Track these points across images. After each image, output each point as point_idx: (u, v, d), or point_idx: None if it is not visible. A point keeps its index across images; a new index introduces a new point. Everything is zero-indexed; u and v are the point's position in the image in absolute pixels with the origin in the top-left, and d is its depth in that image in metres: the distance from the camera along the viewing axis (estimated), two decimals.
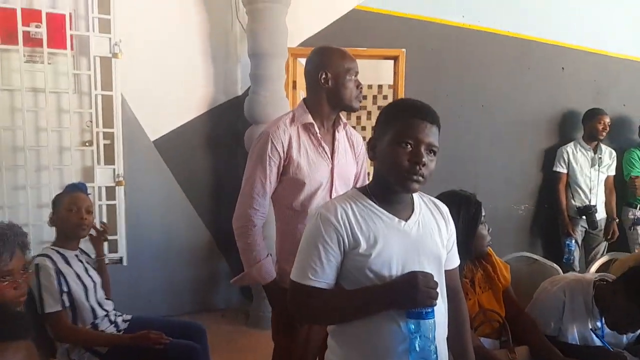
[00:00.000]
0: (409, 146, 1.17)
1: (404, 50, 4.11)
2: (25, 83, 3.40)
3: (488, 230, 1.84)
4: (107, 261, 3.73)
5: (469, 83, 4.21)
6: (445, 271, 1.31)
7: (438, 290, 1.16)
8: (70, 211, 2.06)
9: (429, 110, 1.22)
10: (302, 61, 4.23)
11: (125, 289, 3.61)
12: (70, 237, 2.10)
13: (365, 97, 6.34)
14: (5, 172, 3.41)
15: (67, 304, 1.96)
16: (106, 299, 2.21)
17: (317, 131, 1.82)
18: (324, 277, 1.20)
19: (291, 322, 1.74)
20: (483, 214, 1.75)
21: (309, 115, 1.83)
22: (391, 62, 4.29)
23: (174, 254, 3.89)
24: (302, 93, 4.17)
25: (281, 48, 3.61)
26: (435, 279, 1.17)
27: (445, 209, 1.37)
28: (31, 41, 3.36)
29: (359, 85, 1.86)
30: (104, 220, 3.75)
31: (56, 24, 3.38)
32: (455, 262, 1.38)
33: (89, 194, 2.32)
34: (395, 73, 4.21)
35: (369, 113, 6.45)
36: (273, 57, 3.56)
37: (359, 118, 6.45)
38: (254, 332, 3.61)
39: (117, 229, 3.71)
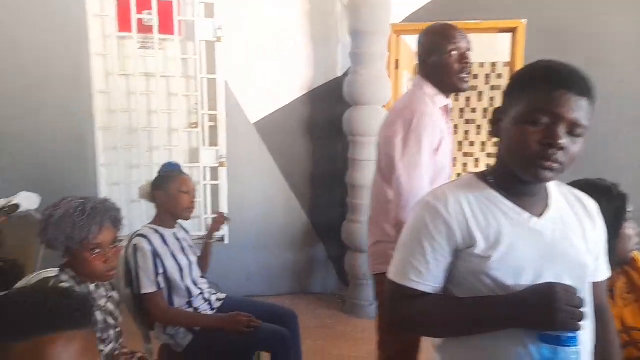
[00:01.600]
0: (542, 124, 0.92)
1: (523, 21, 3.65)
2: (139, 68, 3.59)
3: (635, 230, 1.49)
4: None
5: (602, 58, 3.62)
6: (592, 284, 1.04)
7: (584, 309, 0.90)
8: (182, 192, 2.08)
9: (576, 76, 0.94)
10: (406, 38, 4.01)
11: (224, 267, 3.70)
12: (175, 218, 2.12)
13: (476, 77, 5.86)
14: (122, 151, 3.66)
15: (162, 285, 1.99)
16: (201, 277, 2.23)
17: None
18: (429, 279, 1.01)
19: None
20: (629, 209, 1.41)
21: (444, 97, 1.80)
22: (508, 35, 3.85)
23: (272, 236, 3.92)
24: (405, 73, 3.91)
25: (383, 24, 3.39)
26: (579, 294, 0.92)
27: (592, 204, 1.09)
28: (144, 28, 3.53)
29: (465, 65, 1.75)
30: (208, 199, 3.88)
31: (165, 10, 3.51)
32: (604, 273, 1.10)
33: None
34: (513, 48, 3.76)
35: (480, 94, 5.96)
36: (374, 34, 3.35)
37: (468, 99, 5.99)
38: (349, 319, 3.52)
39: (219, 208, 3.81)
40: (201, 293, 2.18)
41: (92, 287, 1.55)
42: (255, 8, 3.74)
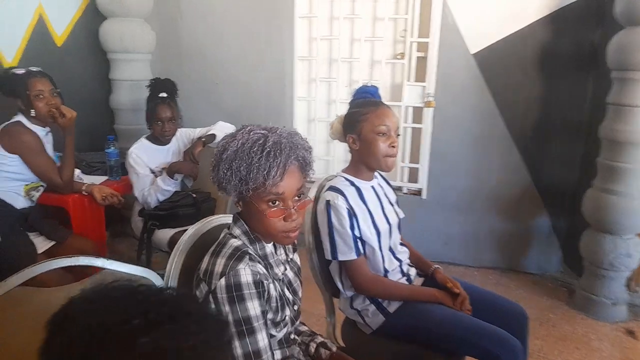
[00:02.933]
0: None
1: None
2: None
3: None
4: (405, 191, 3.42)
5: None
6: None
7: None
8: (376, 134, 1.56)
9: None
10: None
11: (419, 226, 3.18)
12: (374, 169, 1.62)
13: None
14: (320, 84, 3.32)
15: (362, 250, 1.54)
16: (400, 244, 1.72)
17: None
18: None
19: None
20: None
21: None
22: None
23: (481, 196, 3.20)
24: None
25: None
26: None
27: None
28: None
29: None
30: (408, 145, 3.33)
31: None
32: None
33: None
34: None
35: None
36: None
37: None
38: (579, 317, 2.67)
39: (419, 156, 3.24)
40: (400, 265, 1.68)
41: (269, 248, 1.15)
42: None
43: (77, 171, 2.51)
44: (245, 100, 3.46)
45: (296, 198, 1.08)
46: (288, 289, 1.20)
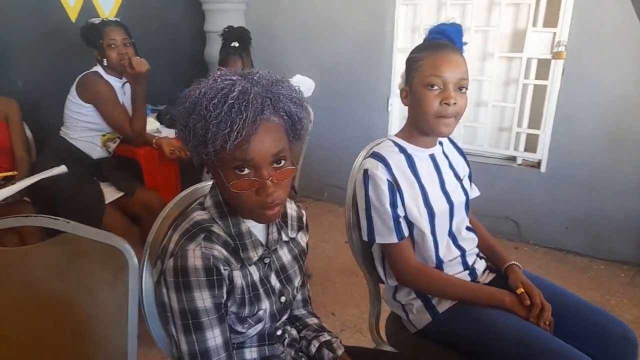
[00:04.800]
0: None
1: None
2: None
3: None
4: (519, 162, 2.87)
5: None
6: None
7: None
8: (434, 89, 1.18)
9: None
10: None
11: (535, 206, 2.65)
12: (426, 132, 1.26)
13: None
14: (425, 32, 2.89)
15: (406, 232, 1.23)
16: (467, 228, 1.34)
17: None
18: None
19: None
20: None
21: None
22: None
23: (617, 173, 2.51)
24: None
25: None
26: None
27: None
28: None
29: None
30: (527, 106, 2.76)
31: None
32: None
33: None
34: None
35: None
36: None
37: None
38: None
39: (541, 120, 2.66)
40: (461, 255, 1.31)
41: (247, 225, 0.91)
42: None
43: (157, 124, 2.52)
44: (341, 51, 3.18)
45: (275, 166, 0.82)
46: (278, 276, 0.97)
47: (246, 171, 0.81)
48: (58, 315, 0.96)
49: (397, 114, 3.14)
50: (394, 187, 1.21)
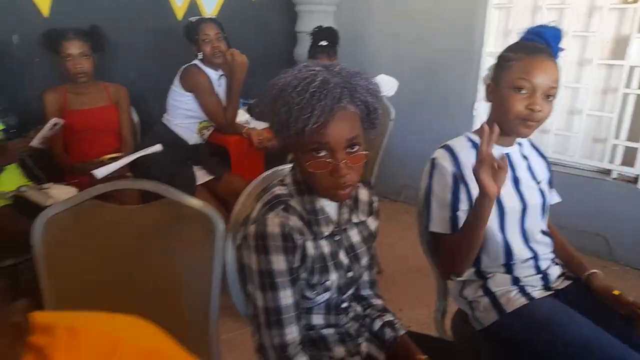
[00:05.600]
0: None
1: None
2: None
3: None
4: (614, 176, 2.69)
5: None
6: None
7: None
8: (521, 93, 1.18)
9: None
10: None
11: (629, 226, 2.47)
12: (506, 132, 1.25)
13: None
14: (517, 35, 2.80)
15: (460, 226, 1.23)
16: (542, 232, 1.30)
17: None
18: None
19: None
20: None
21: None
22: None
23: None
24: None
25: None
26: None
27: None
28: None
29: None
30: (628, 116, 2.59)
31: None
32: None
33: None
34: None
35: None
36: None
37: None
38: None
39: (638, 130, 2.49)
40: (533, 257, 1.29)
41: (322, 202, 0.99)
42: None
43: (246, 116, 2.69)
44: (428, 55, 3.17)
45: (349, 150, 0.89)
46: (347, 254, 1.03)
47: (322, 153, 0.88)
48: (154, 266, 1.10)
49: (482, 118, 3.06)
50: (459, 180, 1.22)
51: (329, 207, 1.00)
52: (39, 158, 2.14)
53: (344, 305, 1.06)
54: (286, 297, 0.91)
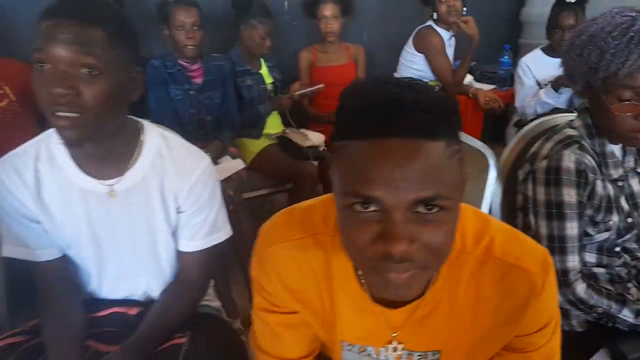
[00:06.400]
0: None
1: None
2: None
3: None
4: None
5: None
6: None
7: None
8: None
9: None
10: None
11: None
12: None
13: None
14: None
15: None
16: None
17: None
18: None
19: None
20: None
21: None
22: None
23: None
24: None
25: None
26: None
27: None
28: None
29: None
30: None
31: None
32: None
33: None
34: None
35: None
36: None
37: None
38: None
39: None
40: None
41: (611, 147, 1.03)
42: None
43: (469, 77, 2.74)
44: None
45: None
46: (627, 201, 1.06)
47: (627, 97, 0.91)
48: None
49: None
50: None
51: (617, 152, 1.04)
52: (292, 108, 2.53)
53: (617, 249, 1.10)
54: (572, 227, 0.99)
